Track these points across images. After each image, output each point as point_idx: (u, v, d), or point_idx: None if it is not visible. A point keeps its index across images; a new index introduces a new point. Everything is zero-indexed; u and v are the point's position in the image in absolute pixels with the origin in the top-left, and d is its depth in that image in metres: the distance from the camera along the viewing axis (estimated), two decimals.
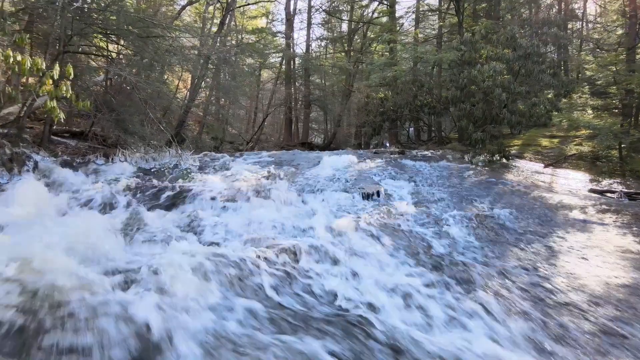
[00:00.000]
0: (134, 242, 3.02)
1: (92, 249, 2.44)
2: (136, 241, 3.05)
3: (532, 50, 7.98)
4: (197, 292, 1.94)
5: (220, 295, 1.98)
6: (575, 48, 15.11)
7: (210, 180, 6.33)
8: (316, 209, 4.66)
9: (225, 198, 4.92)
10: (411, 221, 4.18)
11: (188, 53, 8.90)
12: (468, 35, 8.87)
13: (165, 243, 3.03)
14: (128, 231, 3.43)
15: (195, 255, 2.43)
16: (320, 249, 3.11)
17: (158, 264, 2.08)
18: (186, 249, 2.55)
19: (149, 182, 5.74)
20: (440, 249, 3.31)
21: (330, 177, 6.67)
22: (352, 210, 4.85)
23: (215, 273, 2.14)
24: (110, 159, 7.66)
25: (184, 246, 2.67)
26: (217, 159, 8.59)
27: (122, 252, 2.57)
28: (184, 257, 2.30)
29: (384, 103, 11.30)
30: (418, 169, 7.56)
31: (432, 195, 5.56)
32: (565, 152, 9.37)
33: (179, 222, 4.01)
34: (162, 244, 2.97)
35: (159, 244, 2.99)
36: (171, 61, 8.64)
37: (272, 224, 4.08)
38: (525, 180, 6.66)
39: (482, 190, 5.85)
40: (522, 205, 4.93)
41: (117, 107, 7.99)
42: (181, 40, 9.35)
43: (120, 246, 2.72)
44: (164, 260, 2.28)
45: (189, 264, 2.22)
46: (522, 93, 7.93)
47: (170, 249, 2.56)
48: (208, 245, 3.08)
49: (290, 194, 5.16)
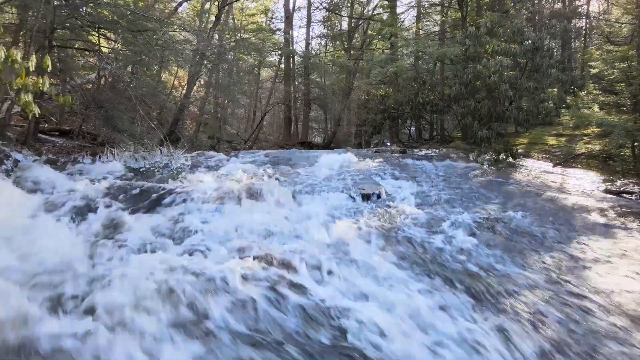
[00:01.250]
0: (101, 253, 2.66)
1: (44, 263, 2.07)
2: (103, 251, 2.68)
3: (540, 44, 7.60)
4: (149, 323, 1.57)
5: (176, 332, 1.61)
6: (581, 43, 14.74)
7: (201, 180, 5.97)
8: (312, 211, 4.29)
9: (215, 200, 4.55)
10: (416, 225, 3.81)
11: (181, 48, 8.53)
12: (472, 29, 8.49)
13: (137, 253, 2.67)
14: (99, 239, 3.07)
15: (165, 269, 2.07)
16: (314, 260, 2.74)
17: (112, 283, 1.72)
18: (157, 262, 2.19)
19: (135, 183, 5.36)
20: (450, 258, 2.94)
21: (328, 176, 6.31)
22: (351, 212, 4.48)
23: (182, 295, 1.78)
24: (98, 157, 7.30)
25: (156, 258, 2.31)
26: (211, 158, 8.23)
27: (80, 265, 2.20)
28: (150, 272, 1.93)
29: (385, 100, 10.92)
30: (421, 169, 7.19)
31: (437, 196, 5.19)
32: (574, 150, 8.99)
33: (161, 227, 3.64)
34: (132, 254, 2.60)
35: (130, 255, 2.62)
36: (163, 56, 8.27)
37: (262, 228, 3.71)
38: (534, 181, 6.29)
39: (490, 191, 5.48)
40: (535, 207, 4.56)
41: (106, 104, 7.63)
42: (175, 36, 8.98)
43: (81, 258, 2.35)
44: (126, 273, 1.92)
45: (154, 281, 1.85)
46: (529, 89, 7.54)
47: (139, 262, 2.19)
48: (187, 255, 2.71)
49: (284, 195, 4.79)
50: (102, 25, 7.85)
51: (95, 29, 8.10)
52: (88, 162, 7.02)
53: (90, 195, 4.50)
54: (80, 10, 7.81)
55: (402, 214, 4.22)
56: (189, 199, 4.56)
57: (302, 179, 6.09)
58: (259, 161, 8.05)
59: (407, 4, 20.35)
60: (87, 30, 7.97)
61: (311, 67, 20.77)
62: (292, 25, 22.37)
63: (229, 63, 17.69)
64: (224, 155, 8.54)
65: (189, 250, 2.88)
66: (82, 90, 7.59)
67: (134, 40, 7.90)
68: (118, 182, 5.36)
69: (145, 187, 5.13)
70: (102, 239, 3.08)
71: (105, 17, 7.86)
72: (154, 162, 7.46)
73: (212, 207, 4.36)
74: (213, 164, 7.45)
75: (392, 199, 5.21)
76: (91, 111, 7.80)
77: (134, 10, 7.99)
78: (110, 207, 4.20)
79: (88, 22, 7.63)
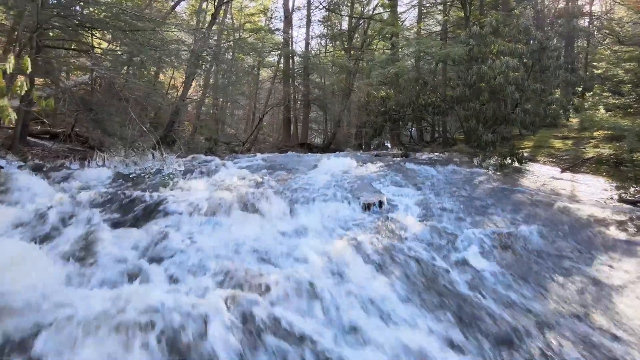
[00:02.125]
0: (65, 282, 2.36)
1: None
2: (70, 280, 2.38)
3: (547, 44, 7.28)
4: None
5: None
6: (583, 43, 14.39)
7: (192, 188, 5.67)
8: (308, 225, 3.99)
9: (204, 211, 4.25)
10: (420, 243, 3.51)
11: (175, 48, 8.23)
12: (476, 28, 8.18)
13: (106, 284, 2.37)
14: (70, 263, 2.77)
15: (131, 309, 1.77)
16: (308, 289, 2.44)
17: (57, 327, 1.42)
18: (123, 300, 1.89)
19: (121, 192, 5.05)
20: (460, 286, 2.63)
21: (327, 183, 6.00)
22: (350, 225, 4.18)
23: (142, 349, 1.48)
24: (87, 163, 7.01)
25: (124, 293, 2.00)
26: (206, 163, 7.93)
27: (33, 296, 1.90)
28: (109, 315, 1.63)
29: (386, 102, 10.61)
30: (423, 174, 6.88)
31: (442, 206, 4.89)
32: (581, 154, 8.67)
33: (141, 245, 3.34)
34: (96, 288, 2.30)
35: (100, 285, 2.32)
36: (156, 57, 7.98)
37: (253, 246, 3.41)
38: (543, 188, 5.98)
39: (498, 200, 5.18)
40: (547, 219, 4.25)
41: (96, 107, 7.34)
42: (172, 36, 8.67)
43: (40, 287, 2.05)
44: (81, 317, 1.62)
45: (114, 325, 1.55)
46: (537, 91, 7.23)
47: (101, 299, 1.89)
48: (163, 285, 2.41)
49: (280, 206, 4.49)
50: (92, 25, 7.55)
51: (87, 29, 7.81)
52: (76, 168, 6.72)
53: (71, 207, 4.20)
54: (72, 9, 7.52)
55: (405, 228, 3.92)
56: (177, 211, 4.26)
57: (299, 186, 5.78)
58: (255, 166, 7.75)
59: (408, 3, 20.04)
60: (77, 30, 7.67)
61: (311, 67, 20.46)
62: (292, 25, 22.07)
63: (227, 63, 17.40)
64: (219, 160, 8.24)
65: (167, 277, 2.58)
66: (71, 92, 7.29)
67: (126, 41, 7.61)
68: (104, 190, 5.06)
69: (131, 196, 4.83)
70: (73, 262, 2.78)
71: (95, 16, 7.56)
72: (146, 167, 7.16)
73: (201, 220, 4.06)
74: (207, 170, 7.14)
75: (393, 208, 4.91)
76: (81, 114, 7.50)
77: (125, 10, 7.68)
78: (91, 221, 3.89)
79: (78, 21, 7.34)
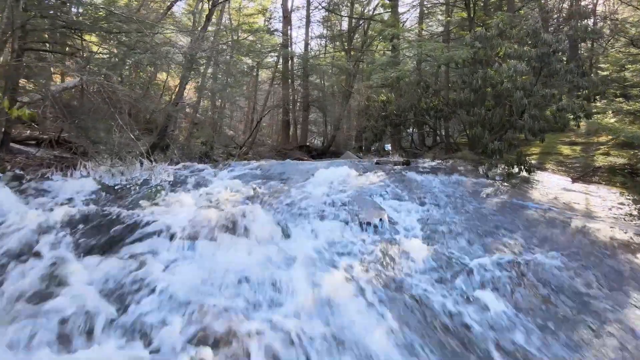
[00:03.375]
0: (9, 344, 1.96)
1: None
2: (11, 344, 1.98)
3: (557, 47, 6.88)
4: None
5: None
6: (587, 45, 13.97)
7: (178, 203, 5.27)
8: (301, 251, 3.59)
9: (187, 234, 3.85)
10: (425, 275, 3.12)
11: (165, 51, 7.85)
12: (482, 30, 7.78)
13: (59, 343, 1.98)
14: (22, 306, 2.38)
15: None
16: (292, 339, 2.05)
17: None
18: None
19: (101, 208, 4.66)
20: (475, 336, 2.24)
21: (323, 197, 5.60)
22: (347, 249, 3.78)
23: None
24: (70, 173, 6.61)
25: None
26: (197, 172, 7.53)
27: None
28: None
29: (386, 106, 10.21)
30: (426, 186, 6.49)
31: (448, 226, 4.49)
32: (592, 162, 8.27)
33: (112, 280, 2.95)
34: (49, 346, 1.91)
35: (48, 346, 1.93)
36: (145, 60, 7.59)
37: (237, 279, 3.01)
38: (556, 202, 5.58)
39: (508, 217, 4.78)
40: (566, 243, 3.86)
41: (80, 112, 6.95)
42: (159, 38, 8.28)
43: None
44: None
45: None
46: (546, 96, 6.83)
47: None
48: (122, 341, 2.02)
49: (270, 226, 4.09)
50: (78, 27, 7.16)
51: (73, 31, 7.42)
52: (58, 179, 6.33)
53: (41, 228, 3.80)
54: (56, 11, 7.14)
55: (407, 254, 3.52)
56: (157, 234, 3.86)
57: (293, 201, 5.38)
58: (249, 175, 7.35)
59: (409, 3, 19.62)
60: (64, 33, 7.28)
61: (310, 68, 20.08)
62: (291, 25, 21.69)
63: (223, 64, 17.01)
64: (212, 169, 7.85)
65: (129, 331, 2.19)
66: (54, 97, 6.89)
67: (113, 44, 7.23)
68: (81, 207, 4.66)
69: (109, 215, 4.44)
70: (25, 307, 2.39)
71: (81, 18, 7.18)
72: (133, 177, 6.76)
73: (182, 245, 3.66)
74: (197, 181, 6.75)
75: (395, 227, 4.51)
76: (64, 120, 7.11)
77: (113, 11, 7.29)
78: (58, 247, 3.50)
79: (64, 23, 6.95)
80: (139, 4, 13.70)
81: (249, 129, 20.29)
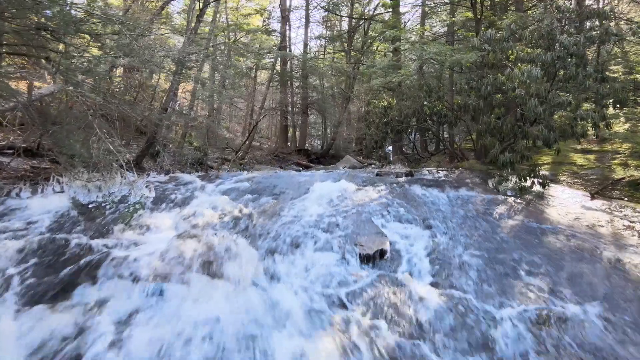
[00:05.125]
0: None
1: None
2: None
3: (574, 50, 6.29)
4: None
5: None
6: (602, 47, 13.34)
7: (155, 229, 4.70)
8: (287, 299, 3.01)
9: (155, 274, 3.28)
10: (437, 335, 2.53)
11: (149, 54, 7.26)
12: (492, 32, 7.19)
13: None
14: None
15: None
16: None
17: None
18: None
19: (63, 237, 4.09)
20: None
21: (319, 218, 5.03)
22: (343, 295, 3.20)
23: None
24: (41, 189, 6.03)
25: None
26: (182, 185, 6.94)
27: None
28: None
29: (387, 112, 9.62)
30: (432, 204, 5.90)
31: (459, 258, 3.91)
32: (609, 174, 7.69)
33: (46, 347, 2.37)
34: None
35: None
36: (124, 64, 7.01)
37: (204, 341, 2.44)
38: (578, 225, 4.99)
39: (527, 247, 4.20)
40: (602, 286, 3.27)
41: (52, 121, 6.39)
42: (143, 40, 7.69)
43: None
44: None
45: None
46: (563, 104, 6.25)
47: None
48: None
49: (253, 264, 3.51)
50: (52, 29, 6.57)
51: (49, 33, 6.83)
52: (26, 196, 5.75)
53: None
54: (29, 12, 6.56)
55: (415, 302, 2.94)
56: (120, 274, 3.29)
57: (284, 224, 4.80)
58: (239, 190, 6.76)
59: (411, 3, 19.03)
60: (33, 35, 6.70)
61: (309, 70, 19.49)
62: (290, 25, 21.12)
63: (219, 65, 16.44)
64: (200, 181, 7.26)
65: None
66: (25, 105, 6.32)
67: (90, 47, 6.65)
68: (41, 236, 4.09)
69: (71, 246, 3.87)
70: None
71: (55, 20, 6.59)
72: (111, 193, 6.18)
73: (147, 290, 3.08)
74: (181, 196, 6.17)
75: (398, 261, 3.93)
76: (38, 129, 6.55)
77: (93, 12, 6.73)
78: (3, 292, 2.94)
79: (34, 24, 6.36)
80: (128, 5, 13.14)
81: (248, 131, 19.69)
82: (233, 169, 13.04)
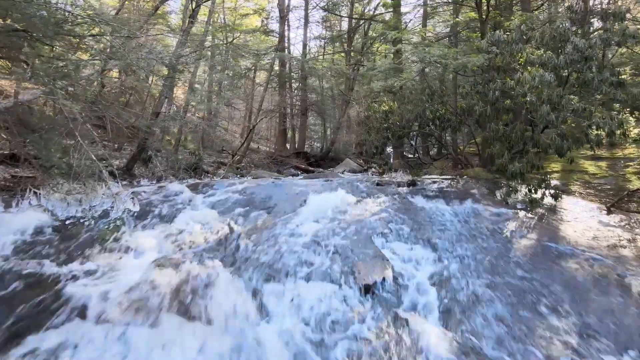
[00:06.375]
0: None
1: None
2: None
3: (589, 53, 5.86)
4: None
5: None
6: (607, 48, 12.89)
7: (133, 252, 4.27)
8: (275, 346, 2.59)
9: (122, 314, 2.86)
10: None
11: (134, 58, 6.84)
12: (500, 33, 6.76)
13: None
14: None
15: None
16: None
17: None
18: None
19: (28, 264, 3.67)
20: None
21: (314, 237, 4.60)
22: (339, 338, 2.77)
23: None
24: (16, 202, 5.61)
25: None
26: (170, 197, 6.52)
27: None
28: None
29: (388, 117, 9.19)
30: (437, 219, 5.47)
31: (469, 288, 3.48)
32: (624, 183, 7.26)
33: None
34: None
35: None
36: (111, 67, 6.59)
37: None
38: (597, 245, 4.56)
39: (545, 274, 3.77)
40: (633, 329, 2.84)
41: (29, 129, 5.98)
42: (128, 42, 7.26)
43: None
44: None
45: None
46: (577, 111, 5.82)
47: None
48: None
49: (238, 301, 3.09)
50: (30, 30, 6.15)
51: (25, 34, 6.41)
52: (1, 210, 5.34)
53: None
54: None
55: (420, 352, 2.51)
56: (86, 312, 2.87)
57: (276, 245, 4.38)
58: (230, 202, 6.33)
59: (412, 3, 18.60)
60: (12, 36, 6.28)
61: (308, 71, 19.06)
62: (289, 25, 20.71)
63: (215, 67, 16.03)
64: (189, 192, 6.82)
65: None
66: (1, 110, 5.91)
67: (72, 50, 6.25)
68: (4, 262, 3.67)
69: (34, 277, 3.45)
70: None
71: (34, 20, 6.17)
72: (92, 207, 5.77)
73: (111, 335, 2.66)
74: (167, 210, 5.75)
75: (402, 292, 3.50)
76: (15, 138, 6.13)
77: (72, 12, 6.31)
78: None
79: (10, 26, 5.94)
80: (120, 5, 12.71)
81: (246, 132, 19.25)
82: (229, 173, 12.62)
